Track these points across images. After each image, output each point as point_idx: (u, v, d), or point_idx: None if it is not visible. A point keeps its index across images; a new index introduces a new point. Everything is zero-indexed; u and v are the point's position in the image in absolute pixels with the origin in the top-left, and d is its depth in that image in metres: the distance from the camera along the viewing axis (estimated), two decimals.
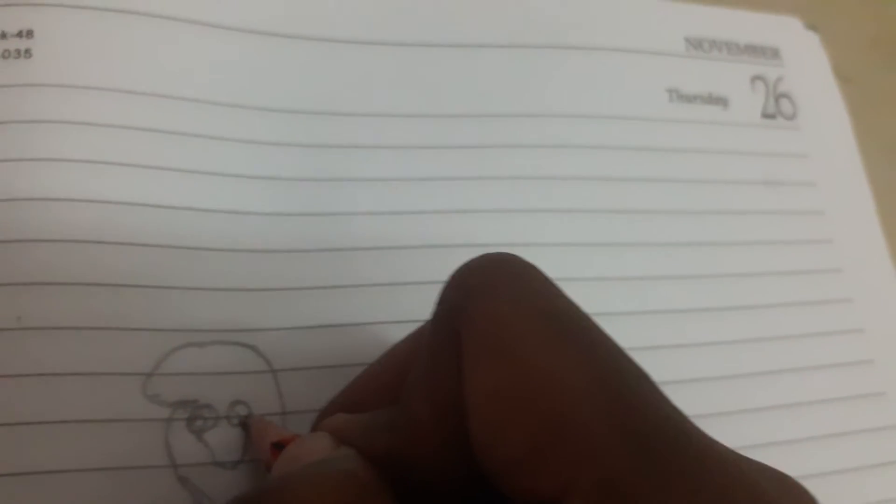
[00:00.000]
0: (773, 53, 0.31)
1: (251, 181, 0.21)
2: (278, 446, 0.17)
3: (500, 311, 0.13)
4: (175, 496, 0.19)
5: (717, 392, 0.25)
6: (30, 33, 0.20)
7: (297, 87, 0.23)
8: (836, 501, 0.25)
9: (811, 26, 0.32)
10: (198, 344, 0.20)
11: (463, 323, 0.14)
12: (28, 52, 0.20)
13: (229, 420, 0.19)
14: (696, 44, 0.30)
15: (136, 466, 0.19)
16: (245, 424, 0.19)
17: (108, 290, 0.20)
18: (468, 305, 0.14)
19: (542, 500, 0.12)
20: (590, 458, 0.12)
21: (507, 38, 0.27)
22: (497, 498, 0.13)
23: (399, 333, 0.18)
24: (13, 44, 0.20)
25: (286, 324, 0.20)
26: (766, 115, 0.30)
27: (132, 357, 0.19)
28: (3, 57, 0.20)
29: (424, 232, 0.23)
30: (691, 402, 0.24)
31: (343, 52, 0.24)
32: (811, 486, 0.23)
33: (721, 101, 0.30)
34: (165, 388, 0.19)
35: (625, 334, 0.24)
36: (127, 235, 0.20)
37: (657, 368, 0.23)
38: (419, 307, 0.19)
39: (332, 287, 0.21)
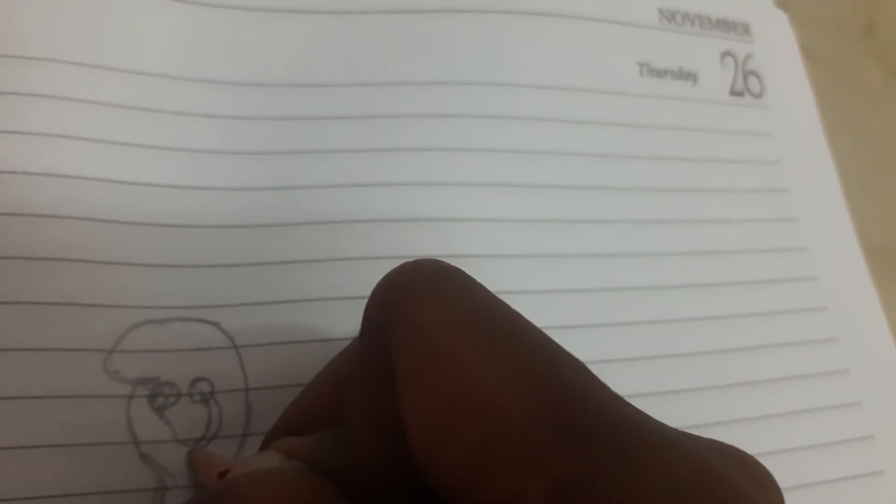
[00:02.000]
0: (744, 29, 0.31)
1: (211, 156, 0.21)
2: (225, 475, 0.17)
3: (424, 324, 0.13)
4: (137, 473, 0.19)
5: (679, 370, 0.25)
6: None
7: (258, 59, 0.23)
8: (795, 478, 0.25)
9: (780, 4, 0.32)
10: (159, 321, 0.20)
11: (390, 341, 0.13)
12: None
13: (191, 397, 0.19)
14: (669, 16, 0.30)
15: (97, 443, 0.19)
16: (190, 460, 0.19)
17: (68, 265, 0.19)
18: (392, 322, 0.13)
19: None
20: (533, 462, 0.12)
21: (473, 3, 0.26)
22: None
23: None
24: None
25: (249, 299, 0.20)
26: (734, 93, 0.30)
27: (92, 333, 0.19)
28: None
29: (386, 205, 0.23)
30: (653, 380, 0.25)
31: (304, 21, 0.24)
32: (773, 463, 0.23)
33: (691, 77, 0.30)
34: (126, 365, 0.19)
35: (589, 311, 0.25)
36: (87, 211, 0.20)
37: (618, 343, 0.24)
38: None
39: (294, 262, 0.21)
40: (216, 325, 0.20)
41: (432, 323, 0.13)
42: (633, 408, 0.13)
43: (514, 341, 0.13)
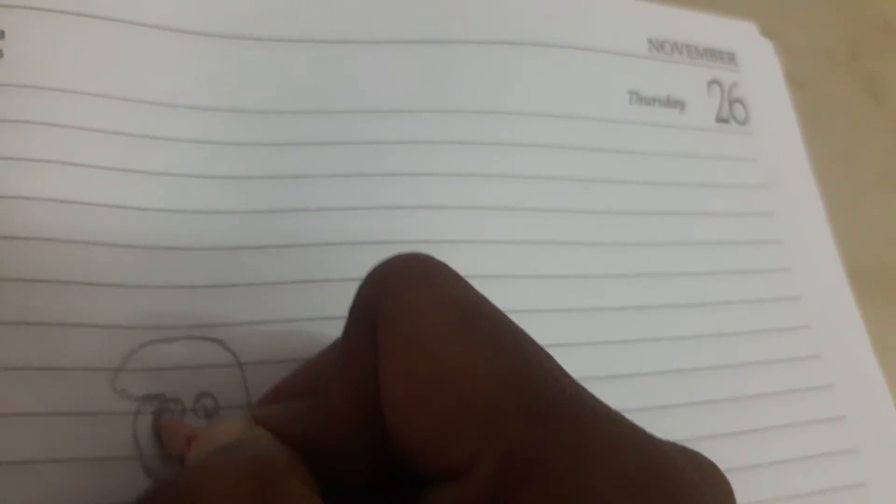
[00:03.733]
0: (730, 58, 0.32)
1: (214, 181, 0.22)
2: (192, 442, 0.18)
3: (414, 303, 0.15)
4: (142, 487, 0.19)
5: (666, 386, 0.26)
6: (1, 34, 0.21)
7: (261, 87, 0.24)
8: (781, 491, 0.26)
9: (767, 33, 0.33)
10: (165, 340, 0.20)
11: (378, 316, 0.15)
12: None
13: (196, 413, 0.20)
14: (658, 45, 0.31)
15: (104, 458, 0.19)
16: (156, 426, 0.20)
17: (77, 287, 0.20)
18: (383, 299, 0.15)
19: (451, 472, 0.13)
20: (494, 431, 0.13)
21: (466, 34, 0.27)
22: (405, 478, 0.14)
23: None
24: None
25: (252, 318, 0.21)
26: (720, 120, 0.31)
27: (100, 353, 0.20)
28: None
29: (386, 227, 0.24)
30: (641, 395, 0.25)
31: (307, 50, 0.24)
32: (759, 476, 0.24)
33: (678, 105, 0.31)
34: (133, 383, 0.20)
35: (578, 330, 0.25)
36: (96, 235, 0.20)
37: (607, 360, 0.25)
38: None
39: (297, 282, 0.22)
40: (220, 342, 0.21)
41: (421, 304, 0.14)
42: (594, 397, 0.14)
43: (492, 327, 0.15)
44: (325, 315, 0.22)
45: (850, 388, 0.29)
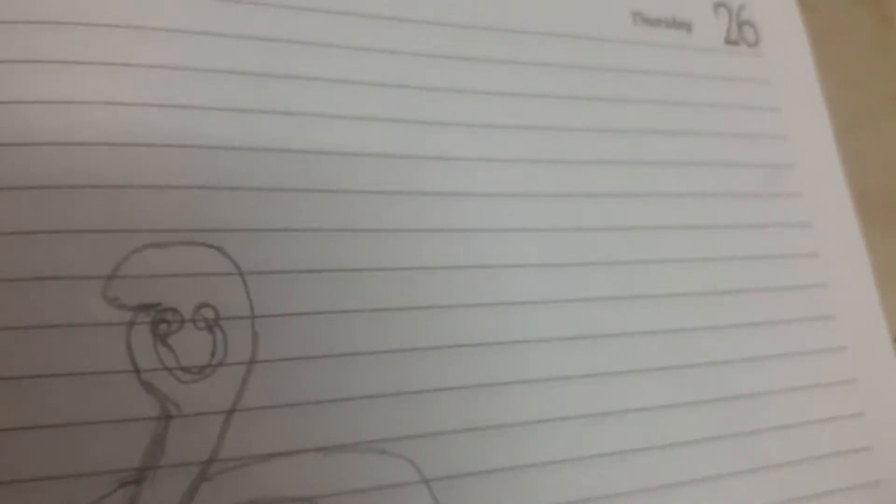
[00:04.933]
0: None
1: (214, 75, 0.20)
2: None
3: None
4: (139, 402, 0.18)
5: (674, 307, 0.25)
6: None
7: None
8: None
9: None
10: (160, 244, 0.19)
11: None
12: None
13: (195, 324, 0.19)
14: None
15: (97, 372, 0.18)
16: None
17: (62, 192, 0.18)
18: None
19: None
20: None
21: None
22: None
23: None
24: None
25: (254, 225, 0.20)
26: (729, 42, 0.30)
27: (90, 259, 0.18)
28: None
29: (389, 140, 0.22)
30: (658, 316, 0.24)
31: None
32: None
33: (685, 26, 0.30)
34: (126, 291, 0.18)
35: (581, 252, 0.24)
36: (80, 134, 0.19)
37: (605, 285, 0.24)
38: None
39: (306, 191, 0.20)
40: (220, 249, 0.19)
41: None
42: None
43: None
44: (337, 227, 0.20)
45: (853, 318, 0.29)
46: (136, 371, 0.18)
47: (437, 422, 0.20)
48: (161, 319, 0.18)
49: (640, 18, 0.29)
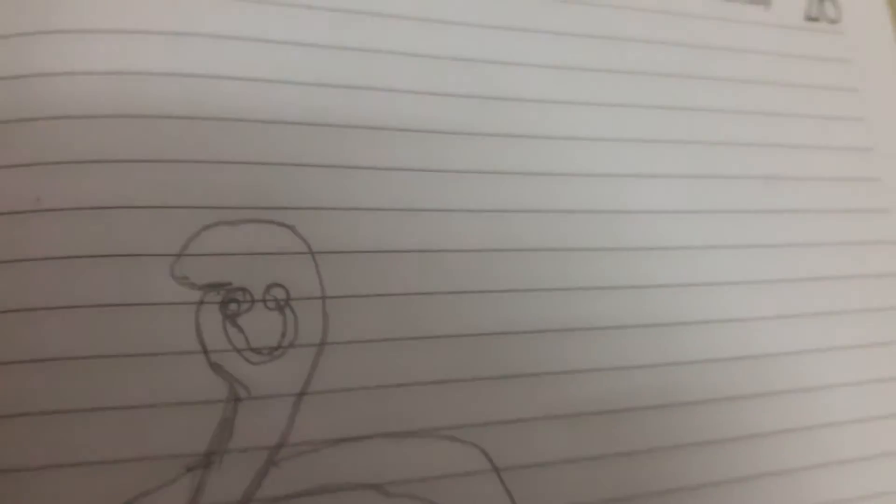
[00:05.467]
0: None
1: (293, 48, 0.19)
2: None
3: None
4: (208, 384, 0.17)
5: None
6: None
7: None
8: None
9: None
10: (230, 222, 0.18)
11: None
12: None
13: (266, 304, 0.18)
14: None
15: (165, 353, 0.17)
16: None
17: (130, 166, 0.18)
18: None
19: None
20: None
21: None
22: None
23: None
24: None
25: (326, 203, 0.19)
26: (809, 18, 0.29)
27: (159, 237, 0.18)
28: None
29: (463, 117, 0.21)
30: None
31: None
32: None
33: (763, 2, 0.28)
34: (195, 270, 0.18)
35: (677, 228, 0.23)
36: (150, 108, 0.18)
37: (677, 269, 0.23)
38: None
39: (377, 168, 0.20)
40: (292, 228, 0.19)
41: None
42: None
43: None
44: (406, 206, 0.20)
45: None
46: (205, 352, 0.17)
47: (508, 409, 0.20)
48: (231, 299, 0.18)
49: None
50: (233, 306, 0.18)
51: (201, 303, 0.18)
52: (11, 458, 0.16)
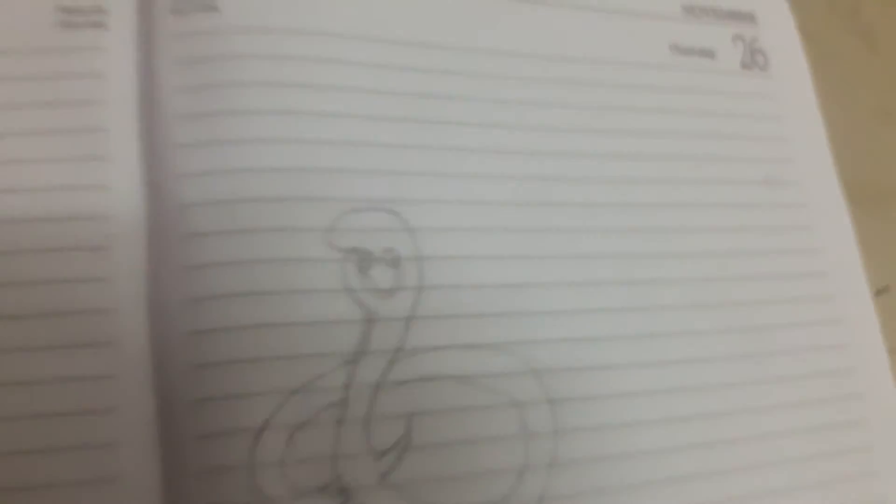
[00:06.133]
0: (750, 18, 0.40)
1: None
2: None
3: None
4: (353, 311, 0.27)
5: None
6: None
7: None
8: None
9: None
10: (359, 209, 0.28)
11: None
12: None
13: (383, 261, 0.28)
14: (689, 9, 0.39)
15: (326, 290, 0.27)
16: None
17: (291, 174, 0.28)
18: None
19: None
20: None
21: None
22: None
23: None
24: None
25: (419, 197, 0.29)
26: (744, 66, 0.39)
27: (317, 218, 0.28)
28: None
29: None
30: None
31: None
32: None
33: (710, 54, 0.38)
34: (339, 239, 0.28)
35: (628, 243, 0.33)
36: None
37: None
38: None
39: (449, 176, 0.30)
40: (397, 214, 0.29)
41: None
42: None
43: None
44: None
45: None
46: (349, 290, 0.27)
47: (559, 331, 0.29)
48: (362, 258, 0.28)
49: (676, 49, 0.38)
50: (364, 263, 0.28)
51: (345, 261, 0.28)
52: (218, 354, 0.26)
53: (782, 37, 0.40)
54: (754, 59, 0.39)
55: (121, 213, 0.26)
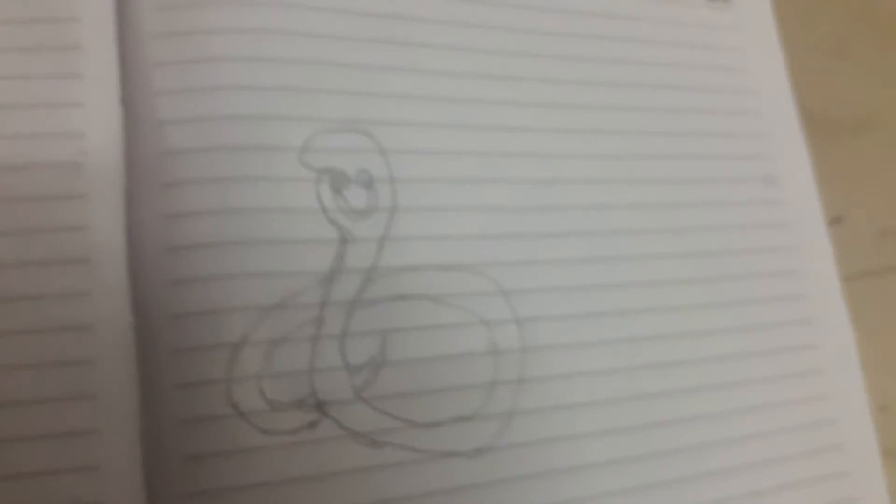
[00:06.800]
0: None
1: None
2: None
3: None
4: (327, 230, 0.28)
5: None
6: None
7: None
8: None
9: None
10: (333, 130, 0.28)
11: None
12: None
13: (357, 182, 0.28)
14: None
15: (300, 209, 0.27)
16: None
17: (275, 93, 0.28)
18: None
19: None
20: None
21: None
22: None
23: None
24: None
25: (390, 119, 0.29)
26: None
27: (291, 136, 0.28)
28: None
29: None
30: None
31: None
32: None
33: None
34: (313, 159, 0.28)
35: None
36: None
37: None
38: None
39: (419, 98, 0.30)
40: (370, 135, 0.29)
41: None
42: None
43: None
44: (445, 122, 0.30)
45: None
46: (324, 210, 0.28)
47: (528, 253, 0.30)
48: (336, 178, 0.28)
49: None
50: (337, 182, 0.28)
51: (319, 181, 0.28)
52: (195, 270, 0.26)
53: None
54: None
55: (96, 130, 0.26)
